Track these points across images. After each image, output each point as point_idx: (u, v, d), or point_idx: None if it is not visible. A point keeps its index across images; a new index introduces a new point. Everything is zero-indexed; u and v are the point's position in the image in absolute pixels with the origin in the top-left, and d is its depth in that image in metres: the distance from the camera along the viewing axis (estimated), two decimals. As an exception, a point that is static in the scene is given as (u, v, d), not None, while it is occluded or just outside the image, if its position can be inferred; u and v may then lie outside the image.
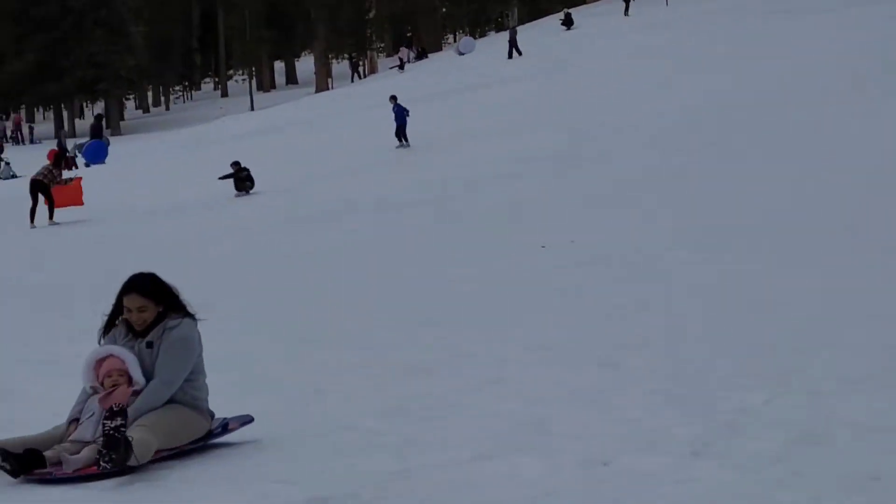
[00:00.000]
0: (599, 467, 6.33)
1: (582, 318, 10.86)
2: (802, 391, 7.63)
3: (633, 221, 17.31)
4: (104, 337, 7.53)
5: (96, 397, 7.20)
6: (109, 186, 35.92)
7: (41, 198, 29.37)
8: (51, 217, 29.29)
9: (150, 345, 7.36)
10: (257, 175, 31.19)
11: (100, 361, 7.35)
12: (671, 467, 6.21)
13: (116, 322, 7.52)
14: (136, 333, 7.42)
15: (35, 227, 28.83)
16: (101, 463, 6.58)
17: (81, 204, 29.49)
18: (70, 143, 54.21)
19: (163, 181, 36.16)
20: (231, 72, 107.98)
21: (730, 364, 8.50)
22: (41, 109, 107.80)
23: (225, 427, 7.52)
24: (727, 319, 10.18)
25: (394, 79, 65.06)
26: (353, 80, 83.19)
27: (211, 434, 7.44)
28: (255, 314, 12.89)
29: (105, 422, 6.64)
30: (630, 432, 6.94)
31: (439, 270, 15.07)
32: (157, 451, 6.96)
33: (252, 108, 74.47)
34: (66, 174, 30.91)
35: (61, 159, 32.48)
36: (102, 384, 7.27)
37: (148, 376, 7.31)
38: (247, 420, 7.63)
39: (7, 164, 51.45)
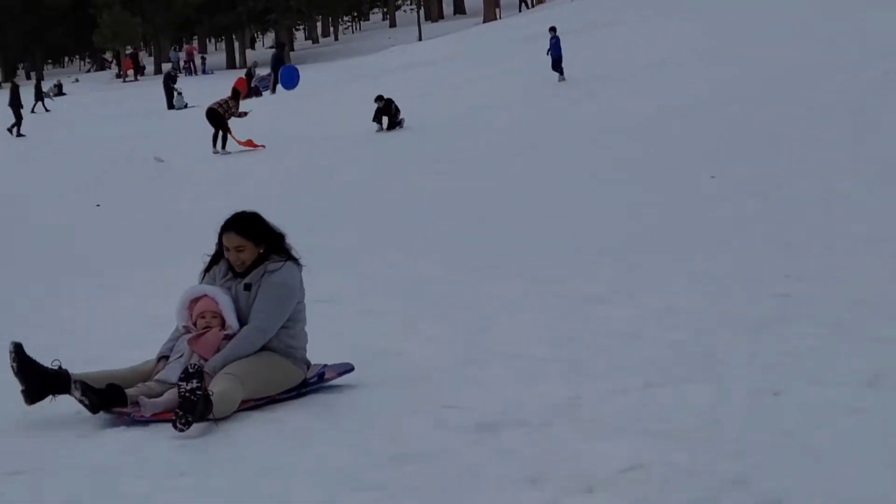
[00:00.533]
0: (769, 397, 6.30)
1: (751, 250, 10.74)
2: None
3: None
4: (205, 275, 7.34)
5: (187, 337, 7.09)
6: (283, 116, 36.44)
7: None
8: (223, 146, 29.84)
9: (247, 287, 7.11)
10: (422, 106, 31.28)
11: (194, 301, 7.17)
12: (843, 398, 6.15)
13: (220, 260, 7.31)
14: (235, 273, 7.19)
15: (217, 151, 29.45)
16: (178, 424, 6.27)
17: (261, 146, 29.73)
18: (258, 73, 54.71)
19: (330, 111, 36.49)
20: (399, 2, 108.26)
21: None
22: (213, 40, 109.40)
23: (321, 376, 7.28)
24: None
25: (561, 7, 64.62)
26: (520, 10, 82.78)
27: (306, 383, 7.18)
28: (424, 244, 13.03)
29: (180, 383, 6.32)
30: (800, 363, 6.89)
31: (619, 198, 15.07)
32: (245, 402, 6.74)
33: (420, 39, 74.55)
34: (242, 107, 31.31)
35: (249, 88, 32.91)
36: (195, 324, 7.12)
37: (243, 320, 7.09)
38: (346, 369, 7.36)
39: (180, 94, 52.37)
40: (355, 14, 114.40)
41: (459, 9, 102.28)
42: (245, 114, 30.64)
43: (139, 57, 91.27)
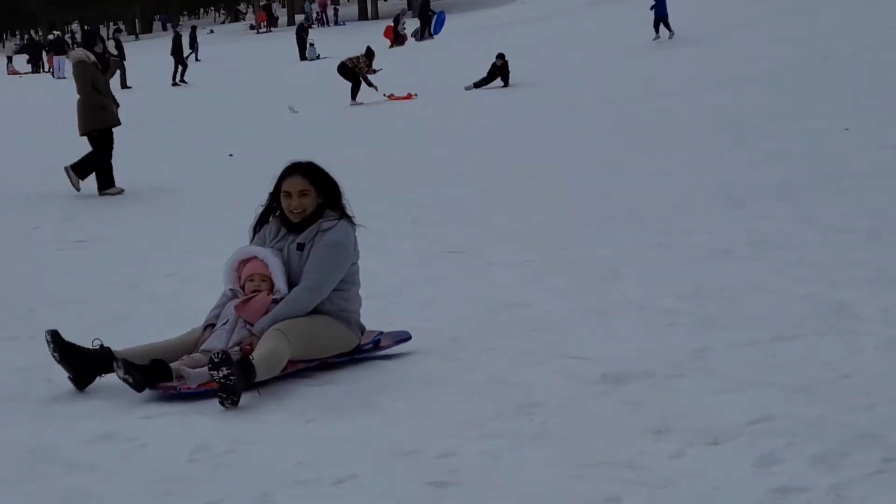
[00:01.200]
0: (898, 352, 6.22)
1: (883, 205, 10.55)
2: None
3: None
4: (255, 235, 7.07)
5: (234, 302, 6.81)
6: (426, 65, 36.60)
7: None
8: (353, 97, 30.01)
9: (300, 247, 6.84)
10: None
11: (243, 262, 6.90)
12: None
13: (270, 219, 7.05)
14: (289, 229, 6.92)
15: (356, 103, 29.70)
16: (225, 404, 6.07)
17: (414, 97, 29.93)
18: (403, 24, 54.99)
19: (465, 61, 36.48)
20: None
21: None
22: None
23: (377, 343, 7.04)
24: None
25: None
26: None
27: (360, 349, 6.95)
28: (554, 193, 13.02)
29: (211, 372, 6.05)
30: (934, 320, 6.78)
31: (750, 145, 14.92)
32: (294, 364, 6.56)
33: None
34: (376, 64, 31.33)
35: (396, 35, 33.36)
36: (243, 288, 6.86)
37: (295, 283, 6.82)
38: (403, 337, 7.12)
39: (312, 45, 52.68)
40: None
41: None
42: (376, 71, 30.73)
43: (272, 8, 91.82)
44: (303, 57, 52.31)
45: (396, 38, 52.37)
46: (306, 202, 6.85)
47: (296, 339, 6.55)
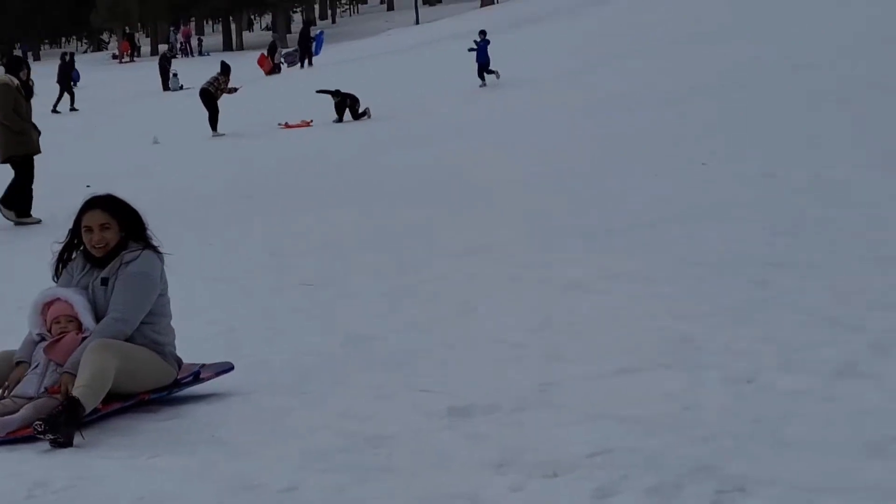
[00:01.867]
0: (743, 384, 6.32)
1: (738, 236, 10.74)
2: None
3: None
4: (57, 275, 6.90)
5: (43, 345, 6.60)
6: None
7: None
8: (214, 128, 29.86)
9: (104, 281, 6.69)
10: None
11: (47, 305, 6.71)
12: (815, 387, 6.17)
13: (74, 255, 6.89)
14: (93, 264, 6.76)
15: (217, 133, 29.49)
16: (54, 442, 5.95)
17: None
18: (280, 52, 55.01)
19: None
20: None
21: (883, 283, 8.38)
22: (210, 22, 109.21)
23: (197, 375, 6.89)
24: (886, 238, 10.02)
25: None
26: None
27: (179, 383, 6.80)
28: (406, 229, 13.05)
29: (39, 435, 5.91)
30: (776, 351, 6.90)
31: (602, 184, 15.08)
32: (108, 405, 6.34)
33: (417, 22, 74.50)
34: (233, 82, 31.20)
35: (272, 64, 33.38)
36: (50, 331, 6.66)
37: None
38: (225, 368, 7.01)
39: (175, 75, 52.36)
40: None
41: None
42: (235, 89, 30.64)
43: (136, 38, 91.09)
44: (166, 87, 51.97)
45: (271, 66, 52.37)
46: (108, 236, 6.71)
47: (115, 353, 6.36)
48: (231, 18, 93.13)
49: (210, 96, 30.13)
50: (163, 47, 77.06)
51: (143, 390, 6.61)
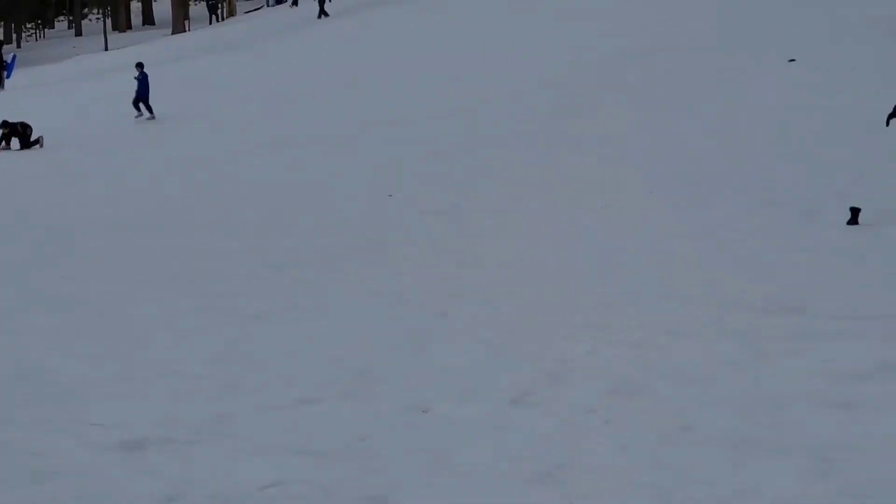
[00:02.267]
0: (418, 414, 6.37)
1: (424, 268, 10.85)
2: (626, 343, 7.73)
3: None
4: None
5: None
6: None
7: None
8: None
9: None
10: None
11: None
12: (489, 415, 6.27)
13: None
14: None
15: None
16: None
17: None
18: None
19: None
20: (86, 10, 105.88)
21: (558, 315, 8.59)
22: None
23: None
24: (561, 269, 10.29)
25: (252, 21, 64.26)
26: (211, 23, 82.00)
27: None
28: (96, 258, 12.72)
29: None
30: (452, 381, 6.98)
31: (279, 219, 15.02)
32: None
33: (106, 49, 73.03)
34: None
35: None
36: None
37: None
38: None
39: None
40: (39, 21, 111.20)
41: (148, 20, 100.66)
42: None
43: None
44: None
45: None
46: None
47: None
48: None
49: None
50: None
51: None
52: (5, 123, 28.69)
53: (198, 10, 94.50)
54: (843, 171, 12.55)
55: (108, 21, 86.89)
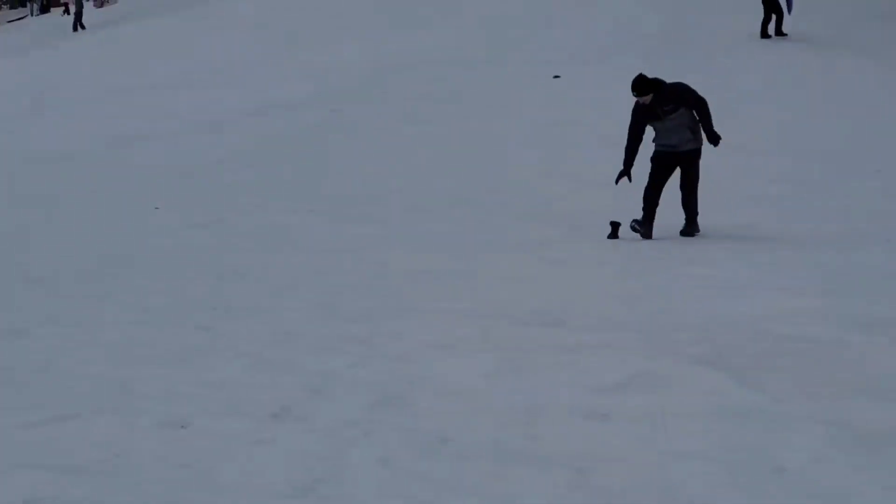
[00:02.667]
0: (177, 429, 6.29)
1: (186, 282, 10.73)
2: (389, 355, 7.76)
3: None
4: None
5: None
6: None
7: None
8: None
9: None
10: None
11: None
12: (249, 430, 6.22)
13: None
14: None
15: None
16: None
17: None
18: None
19: None
20: None
21: (323, 328, 8.58)
22: None
23: None
24: (328, 284, 10.28)
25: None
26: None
27: None
28: None
29: None
30: (213, 395, 6.91)
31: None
32: None
33: None
34: None
35: None
36: None
37: None
38: None
39: None
40: None
41: None
42: None
43: None
44: None
45: None
46: None
47: None
48: None
49: None
50: None
51: None
52: None
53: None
54: (606, 186, 12.78)
55: None
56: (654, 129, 12.36)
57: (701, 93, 12.29)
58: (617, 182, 12.32)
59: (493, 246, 12.04)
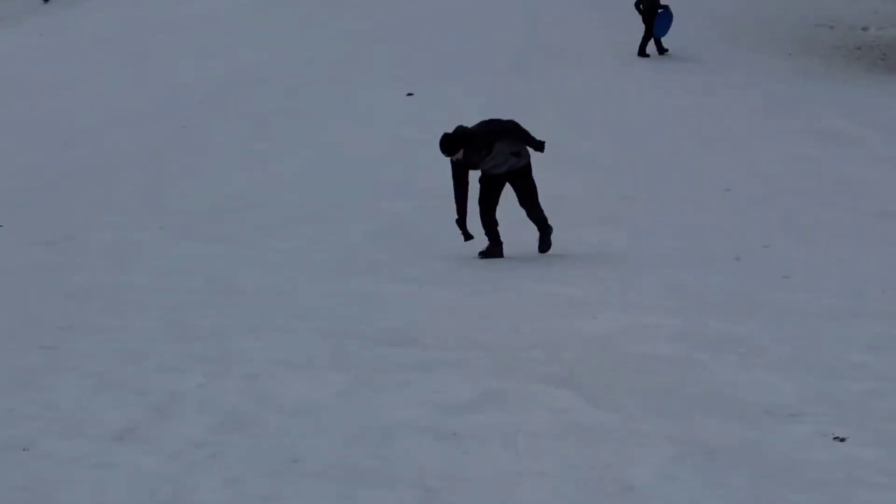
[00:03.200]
0: (18, 452, 6.12)
1: (32, 300, 10.49)
2: (239, 375, 7.65)
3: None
4: None
5: None
6: None
7: None
8: None
9: None
10: None
11: None
12: (91, 452, 6.08)
13: None
14: None
15: None
16: None
17: None
18: None
19: None
20: None
21: (171, 347, 8.43)
22: None
23: None
24: (177, 302, 10.13)
25: None
26: None
27: None
28: None
29: None
30: (56, 416, 6.75)
31: None
32: None
33: None
34: None
35: None
36: None
37: None
38: None
39: None
40: None
41: None
42: None
43: None
44: None
45: None
46: None
47: None
48: None
49: None
50: None
51: None
52: None
53: None
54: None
55: None
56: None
57: (506, 119, 12.28)
58: (464, 238, 12.33)
59: (344, 264, 11.98)
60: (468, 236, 12.28)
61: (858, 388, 7.52)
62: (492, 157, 12.04)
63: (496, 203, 12.36)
